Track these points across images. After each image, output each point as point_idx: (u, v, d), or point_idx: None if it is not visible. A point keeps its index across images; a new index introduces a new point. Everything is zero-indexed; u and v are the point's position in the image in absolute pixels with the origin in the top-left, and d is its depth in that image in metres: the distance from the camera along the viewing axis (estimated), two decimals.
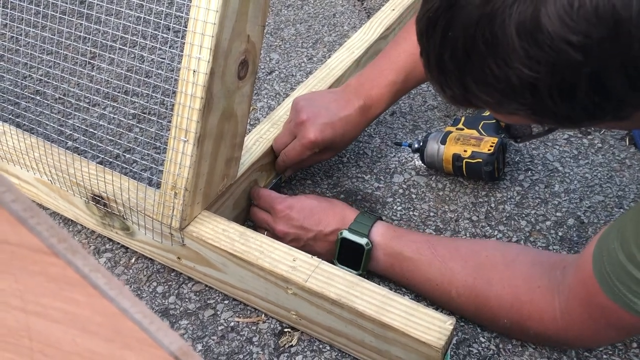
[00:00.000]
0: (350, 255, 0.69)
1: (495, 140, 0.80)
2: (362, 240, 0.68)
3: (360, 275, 0.68)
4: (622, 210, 0.80)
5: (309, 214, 0.71)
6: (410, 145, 0.86)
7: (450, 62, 0.43)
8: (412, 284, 0.68)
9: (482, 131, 0.84)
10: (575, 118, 0.42)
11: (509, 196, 0.82)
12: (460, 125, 0.85)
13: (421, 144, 0.84)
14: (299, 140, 0.77)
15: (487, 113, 0.87)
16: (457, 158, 0.80)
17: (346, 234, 0.68)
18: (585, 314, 0.56)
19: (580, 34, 0.37)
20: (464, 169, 0.80)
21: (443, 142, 0.82)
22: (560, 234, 0.77)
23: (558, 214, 0.80)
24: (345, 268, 0.68)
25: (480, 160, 0.79)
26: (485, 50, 0.40)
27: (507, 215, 0.80)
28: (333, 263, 0.69)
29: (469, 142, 0.81)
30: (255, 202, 0.77)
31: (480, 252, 0.65)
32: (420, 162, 0.85)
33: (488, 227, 0.78)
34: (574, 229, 0.78)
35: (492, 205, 0.81)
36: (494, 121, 0.85)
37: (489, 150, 0.79)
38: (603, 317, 0.55)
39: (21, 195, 0.16)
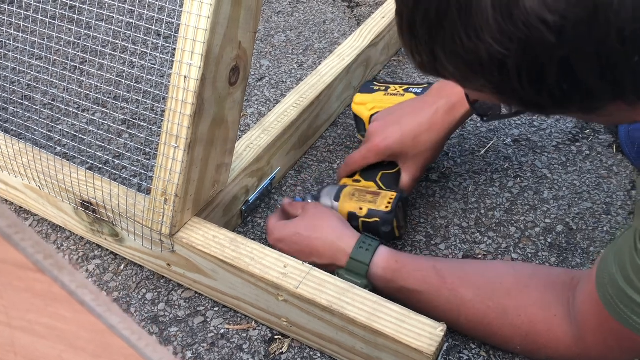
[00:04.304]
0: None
1: (394, 195, 0.72)
2: (360, 281, 0.65)
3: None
4: (609, 216, 0.81)
5: (298, 248, 0.68)
6: (304, 200, 0.77)
7: (421, 26, 0.40)
8: (417, 309, 0.61)
9: (380, 183, 0.76)
10: (542, 103, 0.41)
11: (498, 203, 0.83)
12: (356, 177, 0.78)
13: (313, 200, 0.76)
14: (364, 144, 0.76)
15: (386, 163, 0.78)
16: (352, 217, 0.71)
17: (343, 275, 0.65)
18: (598, 339, 0.56)
19: (557, 13, 0.35)
20: (360, 229, 0.71)
21: (337, 198, 0.73)
22: (549, 240, 0.78)
23: (547, 220, 0.80)
24: None
25: (378, 219, 0.70)
26: (457, 19, 0.38)
27: (497, 221, 0.80)
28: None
29: (364, 198, 0.72)
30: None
31: (493, 279, 0.62)
32: None
33: (478, 234, 0.79)
34: (563, 236, 0.78)
35: (482, 211, 0.81)
36: (393, 171, 0.77)
37: (387, 207, 0.70)
38: (616, 342, 0.54)
39: (6, 211, 0.16)
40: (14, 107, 0.94)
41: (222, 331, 0.69)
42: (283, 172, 0.87)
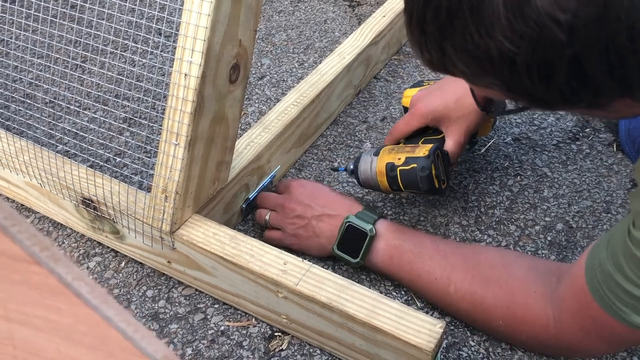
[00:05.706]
0: (351, 242, 0.69)
1: (431, 145, 0.72)
2: (367, 227, 0.68)
3: (357, 265, 0.70)
4: (609, 215, 0.81)
5: (318, 195, 0.73)
6: (346, 169, 0.79)
7: (432, 23, 0.41)
8: (410, 277, 0.68)
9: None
10: (550, 100, 0.41)
11: (498, 201, 0.83)
12: (400, 145, 0.78)
13: (355, 163, 0.77)
14: (409, 112, 0.78)
15: (431, 131, 0.79)
16: (390, 167, 0.72)
17: (352, 219, 0.69)
18: (577, 325, 0.56)
19: (568, 12, 0.35)
20: (399, 179, 0.72)
21: (376, 154, 0.75)
22: (549, 238, 0.78)
23: (547, 218, 0.80)
24: (344, 256, 0.69)
25: (415, 165, 0.70)
26: (468, 16, 0.38)
27: (497, 219, 0.80)
28: (332, 252, 0.70)
29: (403, 150, 0.74)
30: (274, 189, 0.80)
31: (480, 253, 0.67)
32: (358, 184, 0.78)
33: (478, 232, 0.79)
34: (563, 234, 0.78)
35: (482, 209, 0.82)
36: (437, 137, 0.77)
37: (425, 154, 0.71)
38: (595, 329, 0.55)
39: (2, 204, 0.16)
40: (16, 105, 0.95)
41: (222, 328, 0.69)
42: (283, 170, 0.87)
